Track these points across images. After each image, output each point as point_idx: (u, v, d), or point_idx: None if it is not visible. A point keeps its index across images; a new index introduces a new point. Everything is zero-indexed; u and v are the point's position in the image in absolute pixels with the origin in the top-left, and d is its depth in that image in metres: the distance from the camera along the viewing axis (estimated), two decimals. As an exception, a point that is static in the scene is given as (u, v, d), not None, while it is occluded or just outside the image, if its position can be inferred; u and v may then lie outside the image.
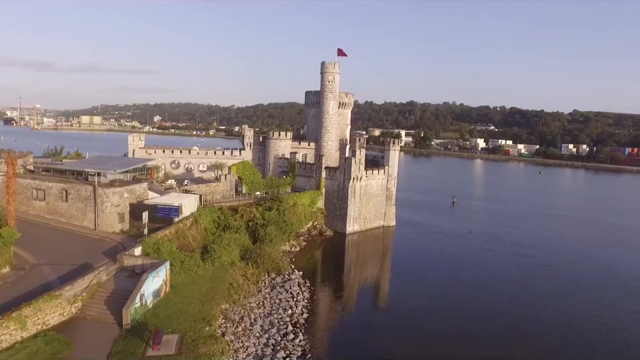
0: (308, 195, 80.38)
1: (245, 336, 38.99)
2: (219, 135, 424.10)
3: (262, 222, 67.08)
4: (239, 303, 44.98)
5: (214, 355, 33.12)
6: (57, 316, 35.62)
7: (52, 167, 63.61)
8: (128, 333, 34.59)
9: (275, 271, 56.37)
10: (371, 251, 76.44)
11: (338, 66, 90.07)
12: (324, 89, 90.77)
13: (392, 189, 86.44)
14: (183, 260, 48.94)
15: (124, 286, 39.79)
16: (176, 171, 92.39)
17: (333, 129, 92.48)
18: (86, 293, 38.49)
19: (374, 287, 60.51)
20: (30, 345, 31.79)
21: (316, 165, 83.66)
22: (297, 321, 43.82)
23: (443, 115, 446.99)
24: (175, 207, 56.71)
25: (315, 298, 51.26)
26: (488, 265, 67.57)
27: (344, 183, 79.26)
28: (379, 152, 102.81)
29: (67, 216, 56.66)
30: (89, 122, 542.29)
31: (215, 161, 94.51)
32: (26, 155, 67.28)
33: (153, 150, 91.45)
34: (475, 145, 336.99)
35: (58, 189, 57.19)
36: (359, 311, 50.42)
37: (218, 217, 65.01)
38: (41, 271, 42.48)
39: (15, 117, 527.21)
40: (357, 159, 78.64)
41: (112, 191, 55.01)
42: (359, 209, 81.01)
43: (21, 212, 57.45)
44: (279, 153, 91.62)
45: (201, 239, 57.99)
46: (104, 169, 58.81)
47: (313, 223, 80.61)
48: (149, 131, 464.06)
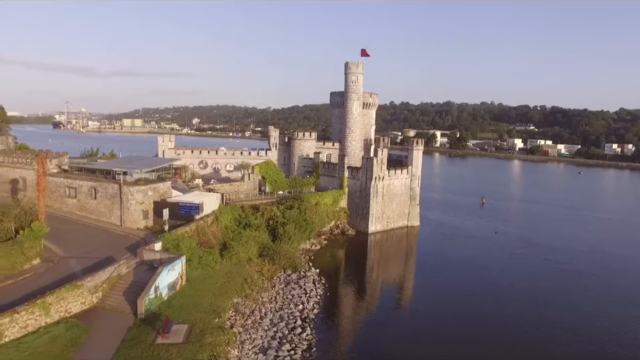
0: (330, 195, 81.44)
1: (253, 328, 40.47)
2: (255, 137, 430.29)
3: (282, 220, 68.46)
4: (251, 297, 46.53)
5: (219, 345, 34.69)
6: (79, 304, 38.05)
7: (83, 166, 67.19)
8: (141, 322, 36.63)
9: (291, 268, 57.69)
10: (394, 251, 76.62)
11: (361, 66, 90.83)
12: (348, 90, 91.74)
13: (416, 188, 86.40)
14: (201, 256, 50.99)
15: (142, 278, 41.92)
16: (203, 171, 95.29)
17: (356, 129, 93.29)
18: (106, 284, 40.86)
19: (392, 286, 60.53)
20: (52, 330, 34.28)
21: (339, 164, 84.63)
22: (306, 316, 44.98)
23: (481, 115, 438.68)
24: (196, 205, 58.89)
25: (329, 295, 52.23)
26: (514, 268, 66.00)
27: (366, 182, 79.91)
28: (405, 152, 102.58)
29: (95, 212, 59.87)
30: (131, 125, 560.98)
31: (242, 161, 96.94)
32: (62, 155, 71.19)
33: (182, 150, 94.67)
34: (513, 146, 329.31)
35: (88, 187, 60.52)
36: (373, 309, 50.85)
37: (239, 215, 66.93)
38: (67, 263, 45.36)
39: (62, 121, 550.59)
40: (379, 158, 79.15)
41: (136, 189, 57.74)
42: (382, 209, 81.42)
43: (55, 208, 61.34)
44: (303, 153, 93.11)
45: (220, 236, 59.94)
46: (130, 169, 61.68)
47: (335, 222, 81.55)
48: (187, 132, 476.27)
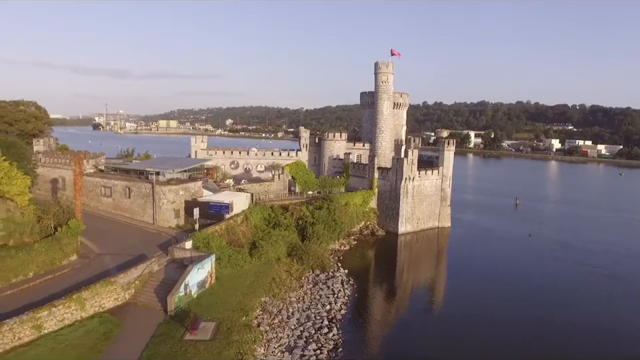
0: (360, 195, 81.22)
1: (280, 327, 40.73)
2: (287, 137, 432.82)
3: (311, 220, 68.65)
4: (279, 296, 46.84)
5: (245, 343, 35.08)
6: (112, 300, 39.14)
7: (118, 166, 69.15)
8: (171, 319, 37.41)
9: (319, 268, 57.77)
10: (424, 252, 75.76)
11: (391, 66, 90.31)
12: (378, 90, 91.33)
13: (447, 189, 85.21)
14: (230, 254, 51.65)
15: (172, 276, 42.79)
16: (235, 171, 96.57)
17: (387, 129, 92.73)
18: (138, 281, 41.90)
19: (422, 288, 59.66)
20: (87, 324, 35.42)
21: (368, 165, 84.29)
22: (333, 316, 44.93)
23: (516, 114, 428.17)
24: (226, 205, 59.77)
25: (357, 296, 52.05)
26: (548, 273, 63.81)
27: (396, 183, 79.30)
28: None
29: (129, 211, 61.52)
30: (166, 126, 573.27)
31: (272, 161, 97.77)
32: (98, 156, 73.51)
33: (214, 151, 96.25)
34: (550, 146, 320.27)
35: (122, 187, 62.27)
36: (402, 311, 50.47)
37: (268, 215, 67.48)
38: (102, 260, 46.79)
39: (102, 123, 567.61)
40: (409, 159, 78.43)
41: (168, 188, 59.04)
42: (412, 210, 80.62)
43: (92, 207, 63.35)
44: (334, 153, 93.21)
45: (250, 235, 60.58)
46: (163, 169, 63.10)
47: (365, 222, 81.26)
48: (220, 133, 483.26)
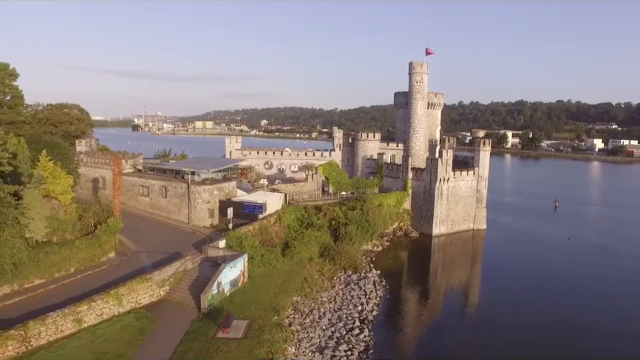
0: (394, 196, 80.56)
1: (311, 327, 40.80)
2: (321, 138, 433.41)
3: (344, 221, 68.54)
4: (310, 296, 46.97)
5: (277, 342, 35.31)
6: (148, 297, 40.20)
7: (156, 166, 70.90)
8: (204, 316, 38.12)
9: (351, 269, 57.58)
10: (458, 255, 74.49)
11: (426, 66, 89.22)
12: (412, 90, 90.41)
13: (482, 190, 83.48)
14: (263, 254, 52.20)
15: (206, 274, 43.56)
16: (269, 172, 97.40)
17: (421, 129, 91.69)
18: (173, 278, 42.84)
19: (456, 291, 58.52)
20: (124, 319, 36.56)
21: (402, 165, 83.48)
22: (365, 317, 44.68)
23: (556, 114, 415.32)
24: (259, 205, 60.39)
25: (389, 297, 51.60)
26: (589, 278, 61.60)
27: (430, 184, 78.28)
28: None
29: (165, 210, 62.98)
30: (202, 127, 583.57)
31: (306, 161, 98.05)
32: (137, 156, 75.59)
33: (248, 151, 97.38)
34: (592, 146, 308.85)
35: (159, 186, 63.82)
36: (435, 313, 49.74)
37: (302, 215, 67.87)
38: (139, 257, 48.15)
39: (140, 124, 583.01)
40: (444, 159, 77.29)
41: (203, 188, 60.14)
42: (446, 211, 79.38)
43: (129, 206, 65.13)
44: (367, 153, 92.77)
45: (283, 235, 61.03)
46: (198, 169, 64.30)
47: (398, 223, 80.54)
48: (255, 134, 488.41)
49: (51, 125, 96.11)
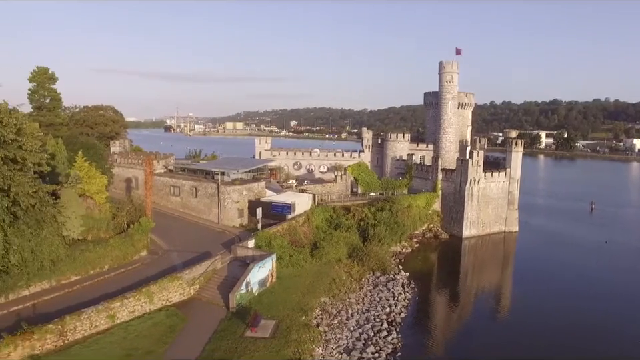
0: (423, 197, 79.74)
1: (338, 328, 40.74)
2: (351, 138, 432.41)
3: (373, 222, 68.23)
4: (338, 297, 46.92)
5: (304, 342, 35.45)
6: (178, 295, 40.96)
7: (186, 167, 72.20)
8: (233, 315, 38.60)
9: (380, 270, 57.25)
10: (489, 257, 73.16)
11: (456, 65, 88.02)
12: (442, 89, 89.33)
13: (514, 192, 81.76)
14: (292, 254, 52.47)
15: (235, 274, 44.08)
16: (298, 172, 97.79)
17: (451, 129, 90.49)
18: (203, 277, 43.51)
19: (486, 294, 57.37)
20: (155, 317, 37.39)
21: (432, 166, 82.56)
22: (393, 319, 44.35)
23: (593, 113, 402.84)
24: (288, 205, 60.74)
25: (418, 299, 51.11)
26: (627, 284, 59.06)
27: (461, 185, 77.13)
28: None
29: (196, 210, 64.03)
30: (233, 127, 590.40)
31: (335, 162, 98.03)
32: (168, 156, 77.12)
33: (277, 152, 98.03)
34: (631, 146, 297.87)
35: (189, 186, 64.95)
36: (465, 317, 48.93)
37: (330, 216, 67.86)
38: (170, 256, 49.15)
39: (172, 125, 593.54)
40: (475, 160, 76.06)
41: (232, 188, 60.89)
42: (477, 213, 78.08)
43: (161, 205, 66.47)
44: (396, 154, 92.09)
45: (311, 235, 61.20)
46: (228, 169, 65.15)
47: (428, 225, 79.66)
48: (285, 134, 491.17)
49: (87, 127, 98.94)
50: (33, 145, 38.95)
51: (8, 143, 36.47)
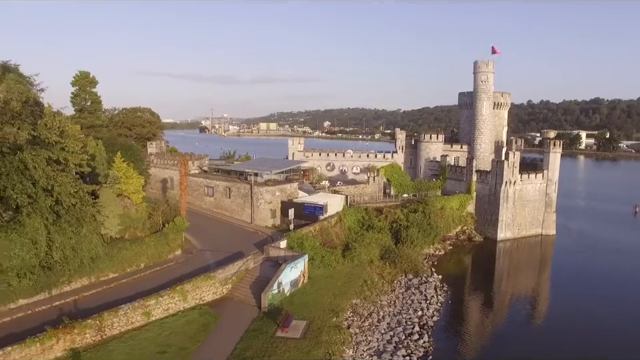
0: (457, 199, 78.61)
1: (369, 331, 40.61)
2: (384, 139, 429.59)
3: (405, 224, 67.71)
4: (369, 299, 46.75)
5: (335, 344, 35.51)
6: (211, 294, 41.70)
7: (220, 167, 73.41)
8: (264, 315, 39.01)
9: (412, 273, 56.72)
10: (525, 261, 71.38)
11: (492, 65, 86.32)
12: (477, 90, 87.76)
13: (552, 194, 79.55)
14: (323, 255, 52.63)
15: (267, 274, 44.53)
16: (330, 173, 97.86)
17: (486, 130, 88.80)
18: (235, 277, 44.15)
19: (522, 299, 55.68)
20: (188, 315, 38.17)
21: (466, 168, 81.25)
22: (425, 323, 43.87)
23: (638, 112, 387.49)
24: (320, 206, 60.91)
25: (451, 303, 50.44)
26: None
27: (496, 187, 75.62)
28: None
29: (229, 210, 64.99)
30: (266, 128, 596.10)
31: (368, 163, 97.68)
32: (202, 157, 78.58)
33: (310, 153, 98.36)
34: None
35: (223, 187, 66.00)
36: (499, 322, 47.88)
37: (362, 217, 67.72)
38: (203, 255, 50.06)
39: (207, 126, 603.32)
40: (510, 161, 74.42)
41: (265, 189, 61.50)
42: (512, 215, 76.38)
43: (195, 205, 67.74)
44: (430, 155, 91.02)
45: (343, 236, 61.24)
46: (261, 170, 65.88)
47: (461, 227, 78.45)
48: (318, 135, 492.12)
49: (125, 128, 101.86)
50: (74, 146, 40.50)
51: (52, 144, 38.05)
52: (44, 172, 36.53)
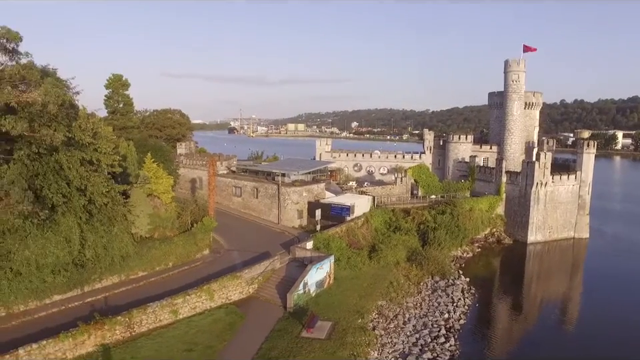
0: (486, 200, 77.36)
1: (395, 333, 40.36)
2: (412, 140, 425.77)
3: (433, 225, 67.04)
4: (395, 301, 46.46)
5: (359, 345, 35.45)
6: (237, 293, 42.20)
7: (248, 168, 74.20)
8: (290, 315, 39.22)
9: (439, 275, 56.10)
10: (556, 264, 69.75)
11: (523, 64, 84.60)
12: (507, 89, 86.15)
13: (585, 196, 77.43)
14: (349, 256, 52.61)
15: (293, 274, 44.77)
16: (358, 174, 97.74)
17: (516, 130, 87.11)
18: (261, 277, 44.55)
19: (553, 304, 54.45)
20: (215, 314, 38.72)
21: (496, 169, 79.87)
22: (451, 326, 43.32)
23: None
24: (347, 207, 60.89)
25: (478, 306, 49.61)
26: None
27: (526, 188, 74.08)
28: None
29: (256, 210, 65.63)
30: (294, 129, 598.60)
31: (395, 164, 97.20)
32: (231, 158, 79.59)
33: (338, 153, 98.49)
34: None
35: (251, 187, 66.69)
36: (528, 326, 46.81)
37: (389, 218, 67.36)
38: (230, 255, 50.75)
39: (236, 127, 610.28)
40: (542, 162, 72.80)
41: (292, 189, 61.87)
42: (543, 217, 74.68)
43: (223, 205, 68.64)
44: (459, 156, 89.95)
45: (370, 238, 61.03)
46: (288, 170, 66.30)
47: (490, 229, 77.18)
48: (345, 136, 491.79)
49: (156, 129, 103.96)
50: (107, 147, 41.66)
51: (85, 146, 39.20)
52: (78, 172, 37.73)
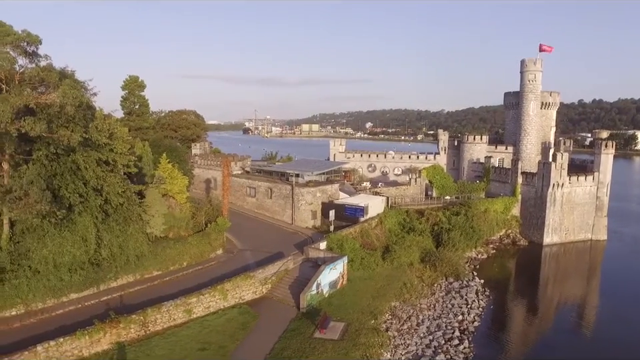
0: (501, 201, 76.62)
1: (408, 334, 40.18)
2: (427, 140, 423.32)
3: (447, 226, 66.56)
4: (409, 302, 46.25)
5: (372, 346, 35.36)
6: (251, 293, 42.38)
7: (262, 168, 74.49)
8: (303, 316, 39.30)
9: (453, 276, 55.71)
10: (572, 267, 68.74)
11: (540, 63, 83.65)
12: (524, 89, 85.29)
13: (603, 197, 76.26)
14: (363, 257, 52.52)
15: (306, 275, 44.81)
16: (372, 174, 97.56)
17: (533, 131, 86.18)
18: (275, 277, 44.68)
19: (569, 306, 53.94)
20: (228, 313, 38.95)
21: (511, 169, 79.06)
22: (465, 328, 42.97)
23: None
24: (361, 208, 60.79)
25: (493, 308, 49.14)
26: None
27: (542, 189, 73.20)
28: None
29: (270, 211, 65.86)
30: (309, 129, 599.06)
31: (410, 164, 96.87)
32: (245, 158, 79.98)
33: (352, 154, 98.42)
34: None
35: (265, 188, 66.94)
36: (543, 329, 46.34)
37: (403, 219, 67.08)
38: (244, 255, 50.99)
39: (251, 127, 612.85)
40: (558, 163, 71.89)
41: (306, 190, 61.97)
42: (560, 219, 73.72)
43: (237, 205, 69.03)
44: (474, 157, 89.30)
45: (384, 238, 60.88)
46: (302, 171, 66.42)
47: (505, 231, 76.42)
48: (360, 136, 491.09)
49: (171, 130, 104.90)
50: (122, 148, 42.21)
51: (102, 146, 39.77)
52: (94, 172, 38.30)
